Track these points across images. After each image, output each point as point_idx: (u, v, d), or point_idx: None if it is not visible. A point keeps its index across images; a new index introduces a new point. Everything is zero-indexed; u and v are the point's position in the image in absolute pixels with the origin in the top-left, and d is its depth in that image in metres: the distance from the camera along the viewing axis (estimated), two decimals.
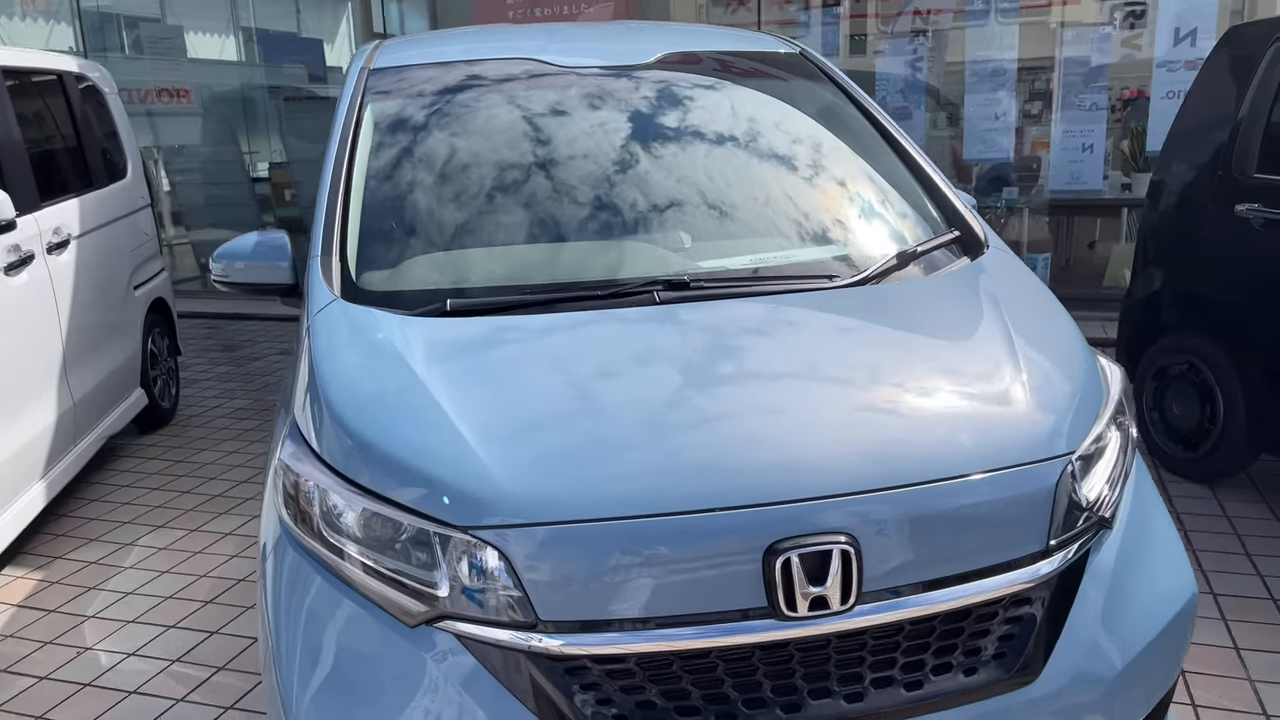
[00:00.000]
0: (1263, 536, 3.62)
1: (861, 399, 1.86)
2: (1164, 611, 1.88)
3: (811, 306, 2.15)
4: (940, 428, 1.80)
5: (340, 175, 2.54)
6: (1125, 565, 1.87)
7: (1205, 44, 6.27)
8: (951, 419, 1.82)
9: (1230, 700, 2.70)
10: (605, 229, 2.49)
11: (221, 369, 6.49)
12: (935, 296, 2.23)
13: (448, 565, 1.68)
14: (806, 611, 1.62)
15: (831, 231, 2.57)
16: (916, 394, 1.87)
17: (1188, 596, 1.94)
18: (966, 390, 1.89)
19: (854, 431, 1.76)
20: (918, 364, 1.95)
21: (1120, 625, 1.81)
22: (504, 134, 2.70)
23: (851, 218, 2.63)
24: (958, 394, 1.88)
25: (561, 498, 1.65)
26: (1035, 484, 1.76)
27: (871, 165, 2.81)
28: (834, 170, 2.78)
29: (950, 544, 1.71)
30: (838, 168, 2.79)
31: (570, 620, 1.63)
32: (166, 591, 3.56)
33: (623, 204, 2.53)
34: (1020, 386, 1.89)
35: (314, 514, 1.82)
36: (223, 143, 9.36)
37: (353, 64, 3.09)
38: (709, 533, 1.62)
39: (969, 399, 1.87)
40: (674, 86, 2.96)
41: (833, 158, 2.84)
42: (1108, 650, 1.78)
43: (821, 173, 2.77)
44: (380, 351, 1.99)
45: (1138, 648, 1.81)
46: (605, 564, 1.62)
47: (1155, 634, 1.84)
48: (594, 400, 1.83)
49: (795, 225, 2.58)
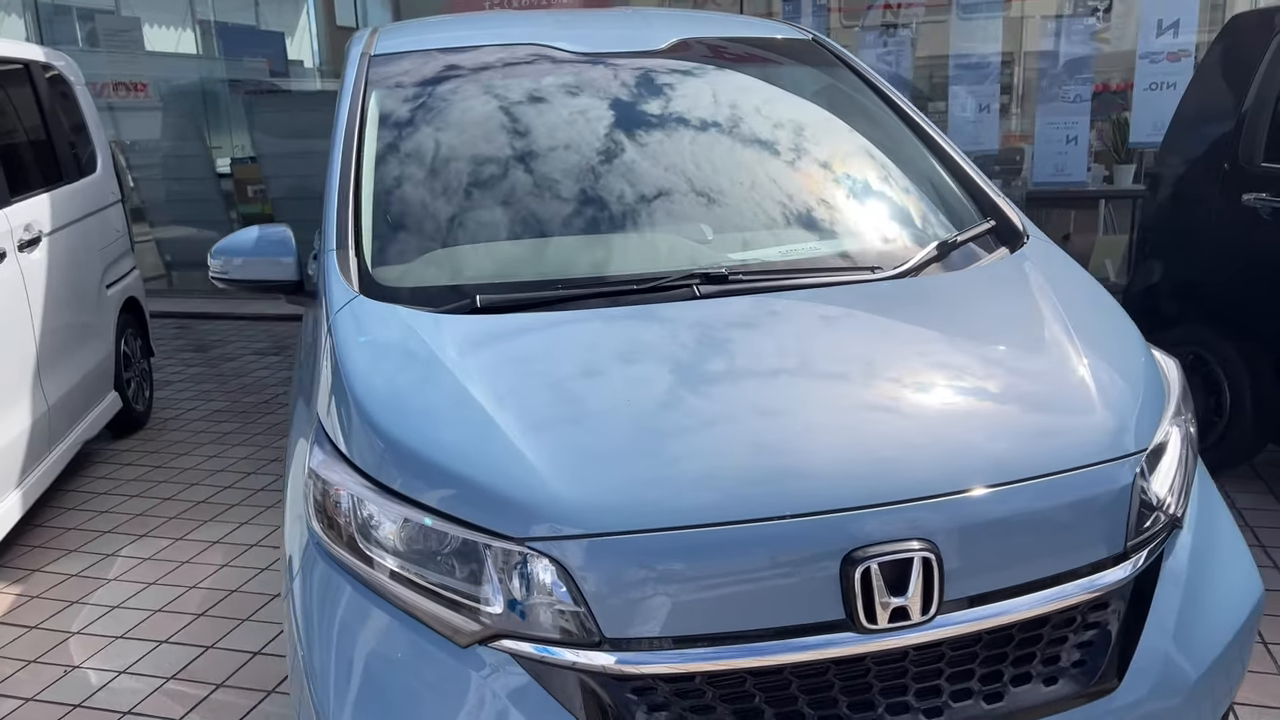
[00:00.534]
0: (1274, 528, 3.60)
1: (930, 397, 1.77)
2: (1237, 612, 1.82)
3: (860, 300, 2.06)
4: (1013, 427, 1.72)
5: (350, 166, 2.41)
6: (1197, 566, 1.80)
7: (1187, 36, 6.29)
8: (1023, 418, 1.75)
9: (1265, 696, 2.66)
10: (628, 220, 2.38)
11: (194, 370, 6.28)
12: (986, 289, 2.15)
13: (500, 579, 1.57)
14: (887, 623, 1.54)
15: (863, 221, 2.48)
16: (985, 392, 1.79)
17: (1257, 596, 1.88)
18: (1035, 388, 1.81)
19: (926, 431, 1.68)
20: (982, 361, 1.87)
21: (1197, 628, 1.74)
22: (520, 122, 2.58)
23: (883, 207, 2.55)
24: (1026, 392, 1.80)
25: (625, 505, 1.54)
26: (1111, 484, 1.69)
27: (898, 152, 2.73)
28: (860, 158, 2.70)
29: (1030, 548, 1.63)
30: (864, 155, 2.71)
31: (636, 637, 1.52)
32: (155, 604, 3.39)
33: (646, 194, 2.43)
34: (1087, 382, 1.81)
35: (348, 524, 1.70)
36: (185, 138, 9.08)
37: (351, 50, 2.95)
38: (783, 541, 1.53)
39: (1038, 397, 1.80)
40: (691, 73, 2.86)
41: (858, 145, 2.75)
42: (1186, 654, 1.72)
43: (847, 161, 2.69)
44: (413, 351, 1.87)
45: (1215, 650, 1.75)
46: (673, 576, 1.52)
47: (1231, 635, 1.78)
48: (650, 401, 1.72)
49: (823, 215, 2.49)
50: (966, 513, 1.58)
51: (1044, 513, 1.63)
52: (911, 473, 1.59)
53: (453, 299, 2.04)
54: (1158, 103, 6.34)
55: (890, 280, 2.14)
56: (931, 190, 2.61)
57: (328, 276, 2.14)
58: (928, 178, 2.65)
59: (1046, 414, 1.76)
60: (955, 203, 2.54)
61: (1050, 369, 1.85)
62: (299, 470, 2.02)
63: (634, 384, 1.77)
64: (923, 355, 1.88)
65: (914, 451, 1.63)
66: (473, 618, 1.58)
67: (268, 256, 2.49)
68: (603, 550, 1.52)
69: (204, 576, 3.57)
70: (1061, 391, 1.80)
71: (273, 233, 2.53)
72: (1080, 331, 1.95)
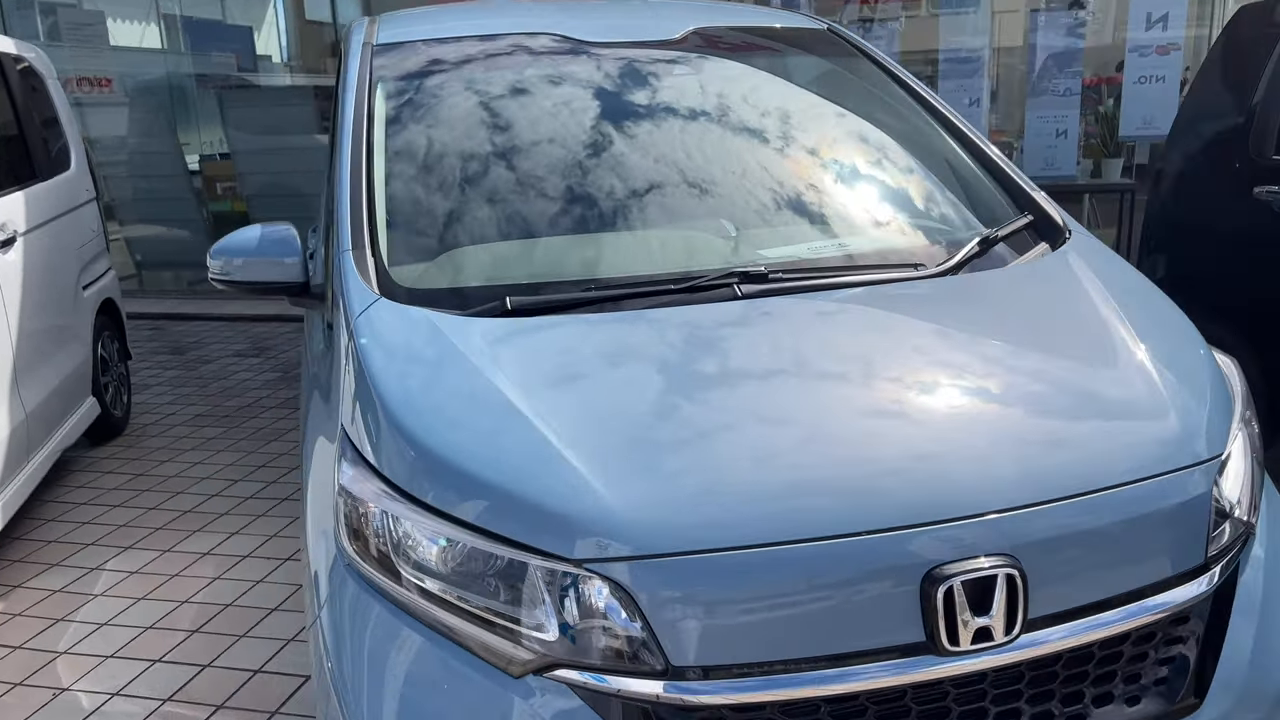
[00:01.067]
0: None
1: (1001, 403, 1.68)
2: None
3: (909, 300, 1.97)
4: (1089, 433, 1.63)
5: (360, 162, 2.28)
6: (1272, 574, 1.73)
7: (1176, 30, 6.27)
8: (1097, 424, 1.66)
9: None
10: (652, 217, 2.28)
11: (172, 373, 6.09)
12: (1039, 288, 2.06)
13: (554, 604, 1.46)
14: (969, 644, 1.44)
15: (896, 216, 2.39)
16: (1055, 398, 1.70)
17: None
18: (1105, 392, 1.73)
19: (1000, 440, 1.58)
20: (1047, 365, 1.78)
21: (1274, 640, 1.67)
22: (535, 115, 2.47)
23: (915, 201, 2.46)
24: (1097, 397, 1.72)
25: (693, 523, 1.44)
26: (1189, 492, 1.61)
27: (925, 145, 2.64)
28: (887, 151, 2.61)
29: (1111, 562, 1.55)
30: (890, 148, 2.62)
31: (705, 665, 1.42)
32: (145, 621, 3.24)
33: (669, 189, 2.33)
34: (1158, 386, 1.73)
35: (383, 544, 1.58)
36: (154, 134, 8.84)
37: (351, 40, 2.81)
38: (862, 559, 1.43)
39: (1109, 401, 1.71)
40: (708, 64, 2.76)
41: (883, 138, 2.66)
42: (1267, 667, 1.64)
43: (873, 154, 2.60)
44: (446, 358, 1.75)
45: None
46: (745, 598, 1.42)
47: None
48: (707, 410, 1.62)
49: (852, 210, 2.41)
50: (1048, 525, 1.49)
51: (1124, 524, 1.55)
52: (992, 484, 1.50)
53: (480, 301, 1.93)
54: (1148, 96, 6.33)
55: (935, 278, 2.05)
56: (963, 184, 2.53)
57: (345, 278, 2.02)
58: (957, 171, 2.56)
59: (1119, 420, 1.68)
60: (989, 197, 2.46)
61: (1118, 372, 1.76)
62: (320, 482, 1.90)
63: (689, 391, 1.66)
64: (987, 359, 1.79)
65: (991, 461, 1.54)
66: (524, 645, 1.47)
67: (271, 257, 2.37)
68: (669, 572, 1.41)
69: (196, 590, 3.42)
70: (1132, 396, 1.71)
71: (276, 231, 2.40)
72: (1141, 331, 1.87)
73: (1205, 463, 1.64)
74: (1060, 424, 1.64)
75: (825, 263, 2.12)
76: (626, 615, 1.43)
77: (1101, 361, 1.79)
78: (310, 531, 1.86)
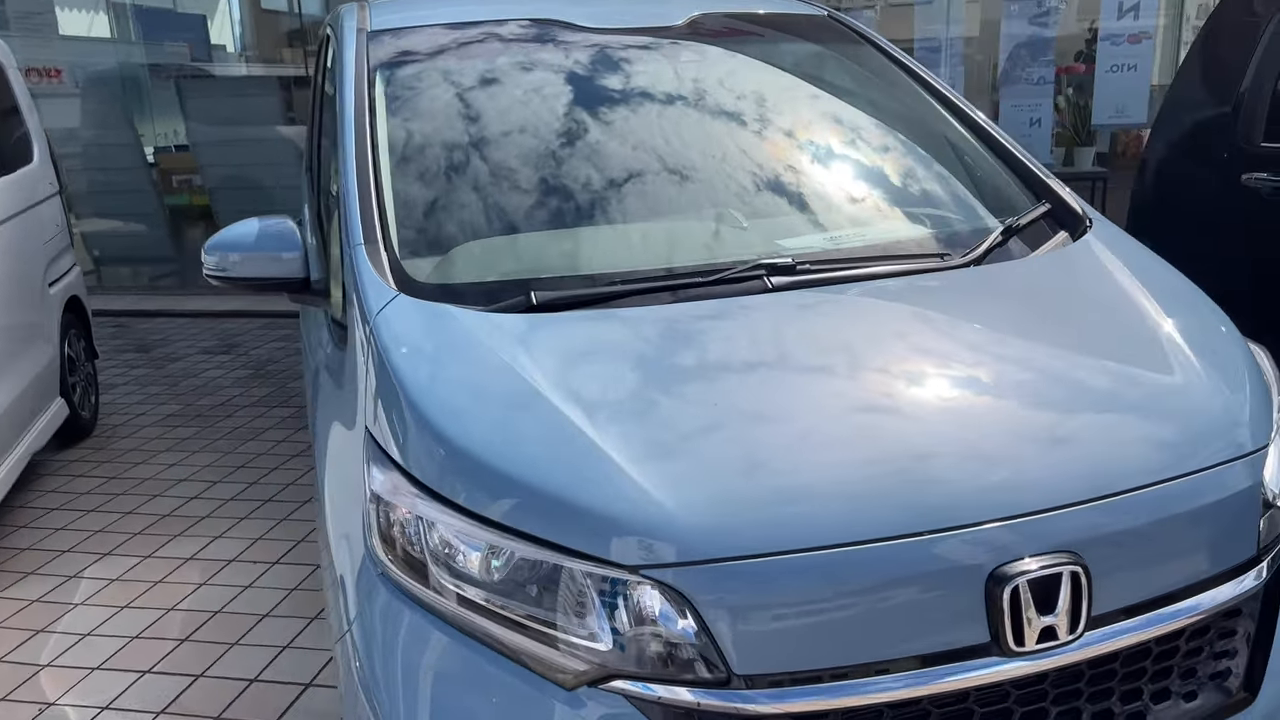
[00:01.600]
0: None
1: (1050, 397, 1.64)
2: None
3: (943, 290, 1.94)
4: (1145, 426, 1.61)
5: (366, 153, 2.19)
6: None
7: (1147, 19, 6.33)
8: (1149, 416, 1.63)
9: None
10: (666, 207, 2.23)
11: (139, 372, 5.91)
12: (1071, 278, 2.03)
13: (608, 612, 1.40)
14: (1035, 644, 1.41)
15: (913, 205, 2.35)
16: (1102, 390, 1.67)
17: None
18: (1155, 384, 1.70)
19: (1056, 434, 1.55)
20: (1090, 356, 1.75)
21: None
22: (543, 103, 2.39)
23: (932, 190, 2.42)
24: (1148, 389, 1.69)
25: (752, 526, 1.38)
26: (1242, 482, 1.59)
27: (936, 131, 2.61)
28: (897, 138, 2.57)
29: (1169, 556, 1.52)
30: (902, 135, 2.59)
31: (768, 673, 1.37)
32: (131, 630, 3.13)
33: (680, 179, 2.27)
34: (1203, 377, 1.71)
35: (421, 552, 1.51)
36: (109, 126, 8.59)
37: (343, 26, 2.71)
38: (927, 559, 1.39)
39: (1156, 393, 1.69)
40: (715, 51, 2.70)
41: (892, 125, 2.63)
42: None
43: (885, 140, 2.56)
44: (477, 357, 1.68)
45: None
46: (808, 604, 1.37)
47: None
48: (759, 407, 1.56)
49: (864, 199, 2.36)
50: (1110, 521, 1.46)
51: (1179, 518, 1.52)
52: (1052, 479, 1.47)
53: (502, 296, 1.86)
54: (1120, 84, 6.38)
55: (963, 269, 2.02)
56: (977, 171, 2.50)
57: (359, 274, 1.93)
58: (970, 158, 2.53)
59: (1168, 412, 1.65)
60: (1004, 185, 2.43)
61: (1164, 364, 1.74)
62: (339, 486, 1.82)
63: (732, 388, 1.61)
64: (1036, 353, 1.75)
65: (1049, 456, 1.51)
66: (577, 656, 1.41)
67: (270, 252, 2.28)
68: (730, 576, 1.36)
69: (182, 597, 3.31)
70: (1181, 388, 1.69)
71: (274, 225, 2.31)
72: (1178, 321, 1.85)
73: (1254, 453, 1.62)
74: (1115, 417, 1.61)
75: (848, 253, 2.08)
76: (685, 623, 1.37)
77: (1146, 353, 1.77)
78: (332, 537, 1.78)
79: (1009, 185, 2.42)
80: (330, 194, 2.68)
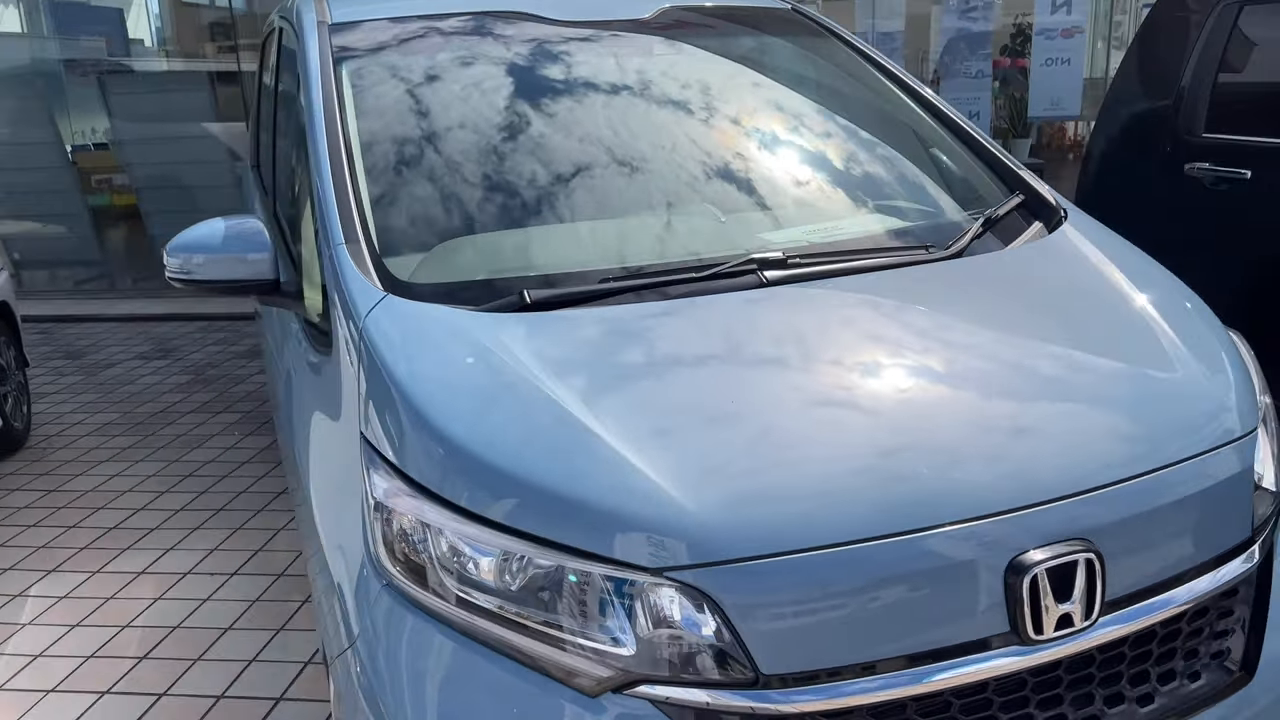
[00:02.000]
0: None
1: (1050, 386, 1.66)
2: None
3: (935, 282, 1.94)
4: (1142, 412, 1.63)
5: (340, 150, 2.12)
6: None
7: (1080, 14, 6.48)
8: (1148, 402, 1.66)
9: None
10: (642, 202, 2.20)
11: (70, 380, 5.69)
12: (1056, 268, 2.05)
13: (629, 616, 1.38)
14: (1053, 632, 1.42)
15: (890, 198, 2.37)
16: (1103, 378, 1.69)
17: None
18: (1144, 371, 1.73)
19: (1059, 422, 1.57)
20: (1084, 345, 1.77)
21: None
22: (516, 97, 2.35)
23: (907, 181, 2.44)
24: (1142, 375, 1.72)
25: (774, 524, 1.37)
26: (1235, 466, 1.63)
27: (907, 125, 2.63)
28: (872, 132, 2.58)
29: (1172, 540, 1.55)
30: (875, 129, 2.60)
31: (796, 671, 1.36)
32: (85, 650, 3.00)
33: (658, 174, 2.26)
34: (1191, 363, 1.75)
35: (429, 560, 1.47)
36: (27, 123, 8.24)
37: (301, 19, 2.63)
38: (946, 552, 1.39)
39: (1150, 380, 1.71)
40: (683, 45, 2.69)
41: (866, 118, 2.64)
42: None
43: (861, 135, 2.57)
44: (478, 359, 1.63)
45: None
46: (831, 599, 1.36)
47: None
48: (765, 404, 1.55)
49: (844, 192, 2.36)
50: (1121, 506, 1.48)
51: (1182, 502, 1.55)
52: (1062, 466, 1.48)
53: (494, 295, 1.81)
54: (1054, 78, 6.53)
55: (949, 260, 2.03)
56: (949, 163, 2.52)
57: (343, 274, 1.87)
58: (942, 151, 2.55)
59: (1169, 396, 1.68)
60: (976, 176, 2.46)
61: (1151, 351, 1.77)
62: (330, 495, 1.76)
63: (739, 385, 1.59)
64: (1026, 343, 1.77)
65: (1057, 444, 1.52)
66: (600, 661, 1.38)
67: (236, 253, 2.20)
68: (755, 575, 1.34)
69: (137, 613, 3.18)
70: (1174, 374, 1.72)
71: (242, 225, 2.24)
72: (1162, 309, 1.89)
73: (1244, 437, 1.66)
74: (1115, 404, 1.63)
75: (836, 247, 2.07)
76: (710, 624, 1.35)
77: (1136, 342, 1.79)
78: (326, 547, 1.72)
79: (983, 177, 2.45)
80: (291, 193, 2.60)
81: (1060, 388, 1.65)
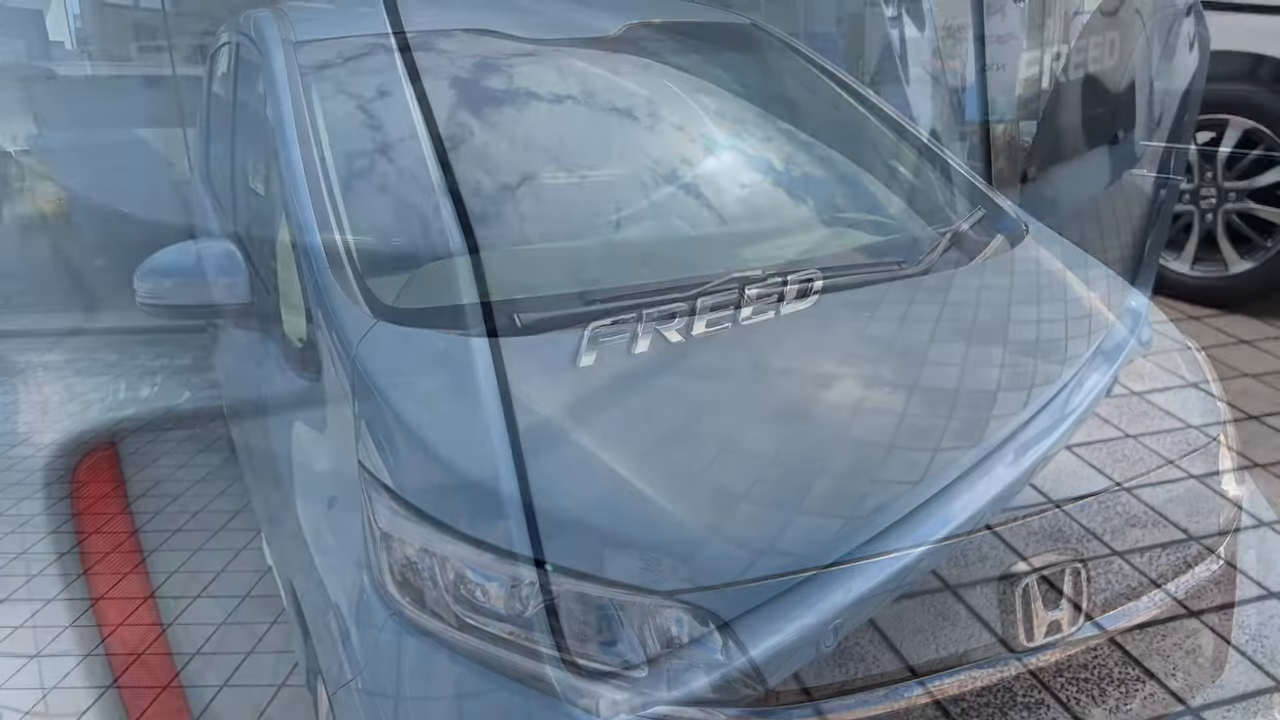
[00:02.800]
0: None
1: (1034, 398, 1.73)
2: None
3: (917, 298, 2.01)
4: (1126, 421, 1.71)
5: (316, 171, 2.11)
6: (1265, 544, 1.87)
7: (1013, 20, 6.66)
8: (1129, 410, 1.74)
9: None
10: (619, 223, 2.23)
11: None
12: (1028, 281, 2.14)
13: (642, 639, 1.40)
14: (1042, 639, 1.49)
15: (857, 212, 2.43)
16: None
17: None
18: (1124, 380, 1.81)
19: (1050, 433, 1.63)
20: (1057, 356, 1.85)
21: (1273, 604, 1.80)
22: (488, 115, 2.36)
23: (877, 199, 2.51)
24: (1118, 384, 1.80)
25: (779, 543, 1.41)
26: (1203, 469, 1.72)
27: (867, 140, 2.70)
28: (837, 147, 2.65)
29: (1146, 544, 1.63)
30: (839, 145, 2.66)
31: (806, 687, 1.40)
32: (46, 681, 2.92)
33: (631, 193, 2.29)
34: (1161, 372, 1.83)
35: (435, 588, 1.48)
36: None
37: (264, 35, 2.60)
38: (945, 565, 1.44)
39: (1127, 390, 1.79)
40: (649, 62, 2.72)
41: (830, 134, 2.70)
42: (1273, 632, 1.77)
43: (825, 151, 2.63)
44: (477, 386, 1.65)
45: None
46: (839, 615, 1.41)
47: None
48: (766, 424, 1.59)
49: (811, 209, 2.42)
50: (1102, 513, 1.56)
51: (1156, 507, 1.63)
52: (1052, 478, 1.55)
53: (484, 318, 1.82)
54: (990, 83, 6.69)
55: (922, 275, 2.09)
56: (911, 178, 2.59)
57: (326, 299, 1.86)
58: (902, 164, 2.63)
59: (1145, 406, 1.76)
60: (938, 191, 2.53)
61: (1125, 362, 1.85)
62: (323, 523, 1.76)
63: (738, 406, 1.63)
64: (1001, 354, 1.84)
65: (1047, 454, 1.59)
66: (613, 685, 1.40)
67: (210, 278, 2.17)
68: (762, 594, 1.38)
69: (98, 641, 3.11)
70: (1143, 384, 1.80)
71: (215, 249, 2.21)
72: (1125, 320, 1.98)
73: (1208, 444, 1.75)
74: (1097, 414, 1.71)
75: (811, 264, 2.12)
76: (720, 644, 1.39)
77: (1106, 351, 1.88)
78: (324, 576, 1.71)
79: (942, 192, 2.53)
80: (256, 211, 2.57)
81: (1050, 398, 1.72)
